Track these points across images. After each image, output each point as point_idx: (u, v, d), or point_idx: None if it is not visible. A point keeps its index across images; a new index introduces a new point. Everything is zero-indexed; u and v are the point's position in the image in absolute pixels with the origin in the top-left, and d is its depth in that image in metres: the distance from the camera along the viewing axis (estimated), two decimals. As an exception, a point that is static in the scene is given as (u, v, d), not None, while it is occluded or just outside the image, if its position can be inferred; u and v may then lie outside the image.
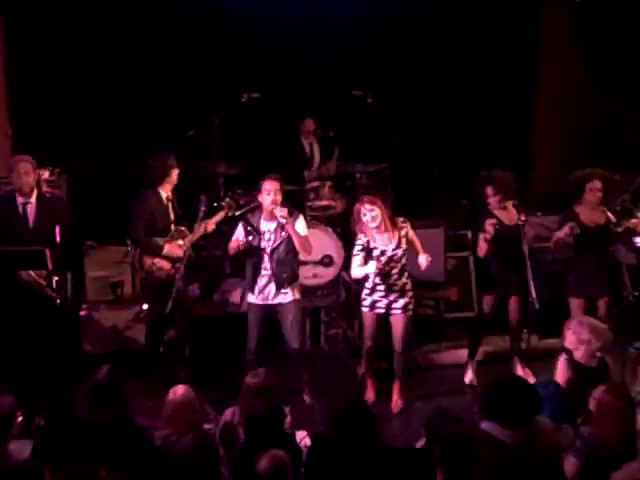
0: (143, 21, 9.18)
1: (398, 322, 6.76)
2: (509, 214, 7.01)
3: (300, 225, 6.70)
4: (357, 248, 6.70)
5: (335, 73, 9.54)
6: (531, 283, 6.60)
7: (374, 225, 6.58)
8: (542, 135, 10.35)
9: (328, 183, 8.81)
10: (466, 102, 9.94)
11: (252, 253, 6.71)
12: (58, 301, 6.63)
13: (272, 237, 6.65)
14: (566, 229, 6.84)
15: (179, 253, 6.87)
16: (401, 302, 6.71)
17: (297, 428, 5.31)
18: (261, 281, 6.71)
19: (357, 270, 6.72)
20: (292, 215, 6.66)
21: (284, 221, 6.52)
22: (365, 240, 6.64)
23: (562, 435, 4.90)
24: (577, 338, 5.55)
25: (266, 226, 6.69)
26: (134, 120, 9.27)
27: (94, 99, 9.09)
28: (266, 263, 6.68)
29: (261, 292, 6.73)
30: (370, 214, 6.56)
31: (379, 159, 8.96)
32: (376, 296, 6.73)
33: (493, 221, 6.82)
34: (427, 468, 4.44)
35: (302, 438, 5.24)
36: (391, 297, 6.70)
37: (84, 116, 9.08)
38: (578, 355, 5.54)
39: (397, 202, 8.52)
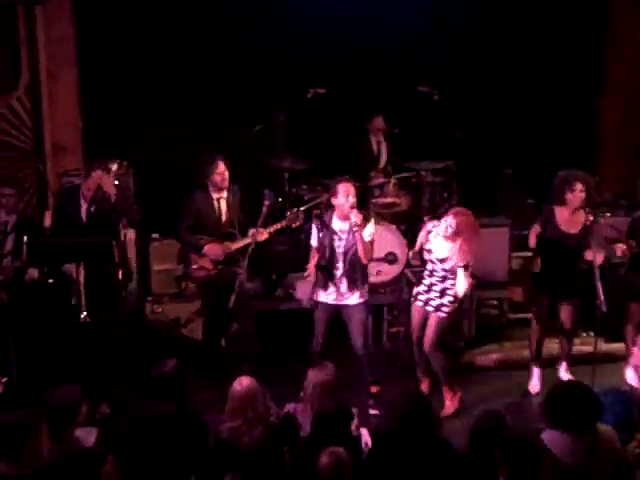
0: (212, 16, 9.23)
1: (430, 320, 6.76)
2: (575, 219, 6.87)
3: (368, 231, 6.60)
4: (424, 232, 6.74)
5: (401, 69, 9.48)
6: (599, 285, 6.46)
7: (447, 234, 6.51)
8: (611, 134, 10.15)
9: (393, 180, 8.77)
10: (533, 100, 9.80)
11: (323, 252, 6.69)
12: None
13: (345, 237, 6.61)
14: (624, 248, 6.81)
15: (218, 255, 6.94)
16: (437, 302, 6.70)
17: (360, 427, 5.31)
18: (332, 280, 6.68)
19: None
20: (366, 219, 6.63)
21: (356, 229, 6.48)
22: (431, 228, 6.66)
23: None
24: None
25: (339, 226, 6.65)
26: (201, 114, 9.33)
27: (163, 93, 9.16)
28: (339, 263, 6.65)
29: (331, 291, 6.72)
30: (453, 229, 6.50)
31: (445, 156, 8.90)
32: (420, 289, 6.79)
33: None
34: (486, 470, 4.41)
35: (365, 437, 5.25)
36: (430, 295, 6.72)
37: (152, 110, 9.15)
38: None
39: (462, 200, 8.46)
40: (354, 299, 6.71)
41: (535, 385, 7.22)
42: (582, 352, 7.41)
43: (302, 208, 8.51)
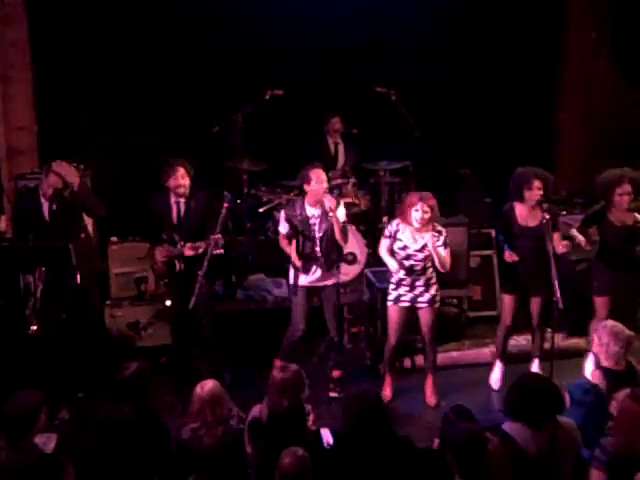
0: (168, 18, 9.19)
1: (425, 315, 6.79)
2: (536, 214, 6.96)
3: (341, 212, 6.86)
4: (387, 231, 6.71)
5: (359, 70, 9.51)
6: (555, 282, 6.54)
7: (418, 225, 6.56)
8: (567, 133, 10.26)
9: (352, 180, 8.80)
10: (490, 99, 9.88)
11: (300, 239, 6.88)
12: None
13: (318, 222, 6.83)
14: (582, 241, 6.96)
15: (160, 256, 6.97)
16: (427, 296, 6.73)
17: (321, 425, 5.33)
18: (309, 264, 6.89)
19: (384, 254, 6.76)
20: (337, 202, 6.86)
21: (331, 214, 6.68)
22: (395, 228, 6.64)
23: None
24: (599, 341, 5.53)
25: (311, 212, 6.85)
26: (158, 116, 9.26)
27: (119, 95, 9.11)
28: (316, 247, 6.86)
29: (312, 274, 6.93)
30: (424, 214, 6.53)
31: (403, 156, 8.94)
32: (401, 290, 6.75)
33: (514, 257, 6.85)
34: (445, 468, 4.44)
35: (326, 436, 5.26)
36: (416, 291, 6.72)
37: (109, 112, 9.09)
38: (602, 359, 5.50)
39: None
40: (331, 280, 6.97)
41: (497, 380, 7.29)
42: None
43: (261, 210, 8.58)
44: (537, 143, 9.90)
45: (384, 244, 6.76)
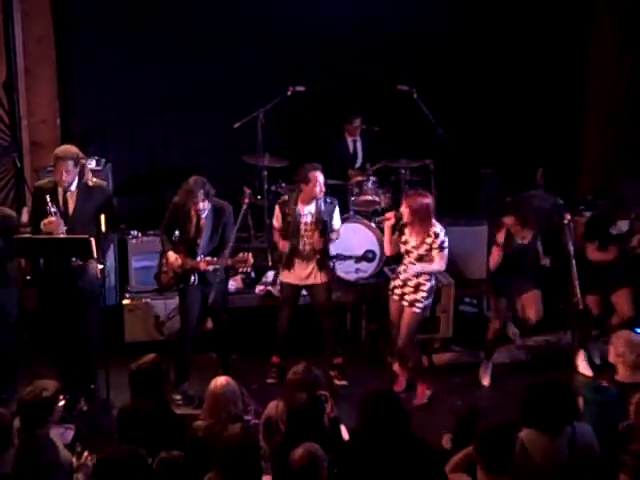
0: (192, 15, 9.17)
1: (405, 315, 6.84)
2: None
3: (337, 220, 7.17)
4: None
5: (381, 67, 9.49)
6: (576, 283, 6.55)
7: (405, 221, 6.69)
8: (591, 134, 10.17)
9: (372, 178, 8.78)
10: (513, 99, 9.81)
11: (290, 234, 7.02)
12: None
13: (310, 220, 7.01)
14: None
15: (174, 266, 6.83)
16: (411, 297, 6.79)
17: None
18: (297, 261, 7.06)
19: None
20: (332, 204, 7.14)
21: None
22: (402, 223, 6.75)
23: None
24: (615, 352, 5.48)
25: (303, 209, 7.02)
26: (179, 111, 9.26)
27: (142, 90, 9.12)
28: (304, 245, 7.01)
29: (296, 272, 7.08)
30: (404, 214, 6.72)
31: (424, 155, 8.91)
32: (396, 283, 6.89)
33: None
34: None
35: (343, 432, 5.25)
36: (405, 289, 6.81)
37: (130, 106, 9.11)
38: (619, 370, 5.44)
39: (441, 198, 8.48)
40: (319, 278, 7.10)
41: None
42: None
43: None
44: (562, 142, 9.84)
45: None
